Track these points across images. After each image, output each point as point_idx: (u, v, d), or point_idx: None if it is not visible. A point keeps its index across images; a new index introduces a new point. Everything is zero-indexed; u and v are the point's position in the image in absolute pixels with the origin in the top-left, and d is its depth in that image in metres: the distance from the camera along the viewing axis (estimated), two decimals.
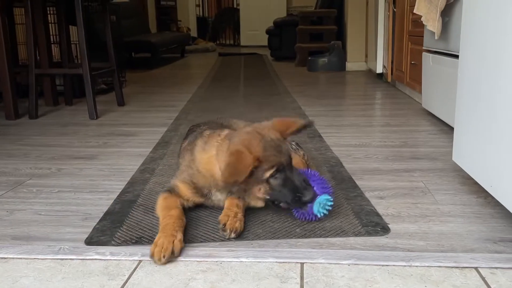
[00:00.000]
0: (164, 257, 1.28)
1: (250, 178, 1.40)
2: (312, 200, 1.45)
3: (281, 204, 1.48)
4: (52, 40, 4.20)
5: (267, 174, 1.40)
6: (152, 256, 1.30)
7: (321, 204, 1.46)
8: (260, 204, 1.53)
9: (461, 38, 1.80)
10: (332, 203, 1.50)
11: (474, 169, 1.66)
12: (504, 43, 1.42)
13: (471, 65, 1.70)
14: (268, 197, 1.46)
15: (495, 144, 1.47)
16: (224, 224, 1.43)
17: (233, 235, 1.41)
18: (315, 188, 1.46)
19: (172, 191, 1.57)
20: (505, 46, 1.42)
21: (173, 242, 1.31)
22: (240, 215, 1.47)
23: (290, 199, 1.44)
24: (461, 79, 1.79)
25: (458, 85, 1.82)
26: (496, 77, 1.47)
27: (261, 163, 1.40)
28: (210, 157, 1.51)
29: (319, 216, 1.48)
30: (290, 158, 1.47)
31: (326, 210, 1.49)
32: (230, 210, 1.48)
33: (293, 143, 2.05)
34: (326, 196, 1.48)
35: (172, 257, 1.30)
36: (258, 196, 1.47)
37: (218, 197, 1.57)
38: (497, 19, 1.48)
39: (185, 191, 1.57)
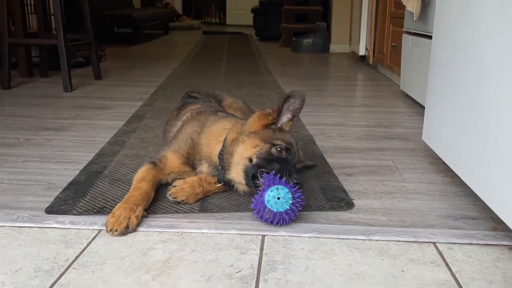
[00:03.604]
0: (116, 230, 1.26)
1: (266, 131, 1.46)
2: (288, 174, 1.34)
3: (258, 174, 1.37)
4: (30, 10, 4.08)
5: (277, 142, 1.42)
6: (106, 226, 1.29)
7: (280, 198, 1.29)
8: (237, 176, 1.45)
9: (435, 19, 1.79)
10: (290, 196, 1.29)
11: (441, 148, 1.68)
12: (472, 24, 1.42)
13: (442, 46, 1.69)
14: (256, 159, 1.40)
15: (458, 124, 1.47)
16: (174, 186, 1.47)
17: (170, 198, 1.45)
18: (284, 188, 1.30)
19: (157, 163, 1.55)
20: (472, 27, 1.41)
21: (130, 217, 1.29)
22: (196, 190, 1.47)
23: (277, 168, 1.35)
24: (433, 60, 1.78)
25: (430, 66, 1.82)
26: (463, 58, 1.47)
27: (277, 125, 1.47)
28: (220, 133, 1.55)
29: (273, 210, 1.29)
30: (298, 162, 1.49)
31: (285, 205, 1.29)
32: (188, 183, 1.48)
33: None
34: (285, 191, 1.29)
35: (125, 232, 1.27)
36: (247, 154, 1.41)
37: (203, 170, 1.56)
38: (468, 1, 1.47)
39: (175, 162, 1.55)
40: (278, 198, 1.29)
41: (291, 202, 1.29)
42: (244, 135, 1.47)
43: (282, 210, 1.29)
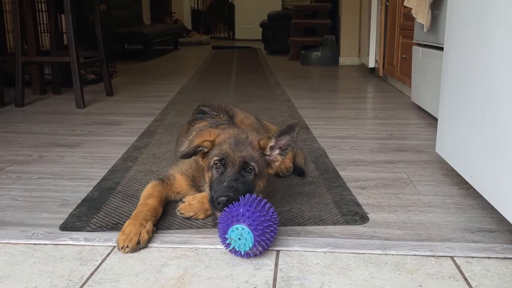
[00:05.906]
0: (127, 247, 1.26)
1: (204, 159, 1.42)
2: (214, 200, 1.28)
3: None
4: (43, 28, 4.15)
5: (214, 159, 1.37)
6: (117, 244, 1.28)
7: (241, 238, 1.20)
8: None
9: (446, 30, 1.79)
10: (249, 239, 1.19)
11: (455, 160, 1.66)
12: (482, 35, 1.41)
13: (454, 58, 1.68)
14: (210, 190, 1.37)
15: (474, 136, 1.46)
16: (183, 202, 1.47)
17: (178, 214, 1.45)
18: (241, 210, 1.22)
19: (164, 180, 1.55)
20: (483, 38, 1.41)
21: (140, 233, 1.29)
22: (206, 205, 1.45)
23: (210, 195, 1.33)
24: (445, 72, 1.78)
25: (442, 78, 1.81)
26: (475, 69, 1.46)
27: (213, 147, 1.40)
28: None
29: (233, 247, 1.21)
30: (245, 162, 1.35)
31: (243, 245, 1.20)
32: (197, 199, 1.47)
33: None
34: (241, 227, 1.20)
35: (137, 248, 1.27)
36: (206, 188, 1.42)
37: (206, 190, 1.55)
38: (479, 11, 1.47)
39: (182, 183, 1.55)
40: (239, 239, 1.20)
41: (253, 240, 1.19)
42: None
43: (248, 249, 1.21)
